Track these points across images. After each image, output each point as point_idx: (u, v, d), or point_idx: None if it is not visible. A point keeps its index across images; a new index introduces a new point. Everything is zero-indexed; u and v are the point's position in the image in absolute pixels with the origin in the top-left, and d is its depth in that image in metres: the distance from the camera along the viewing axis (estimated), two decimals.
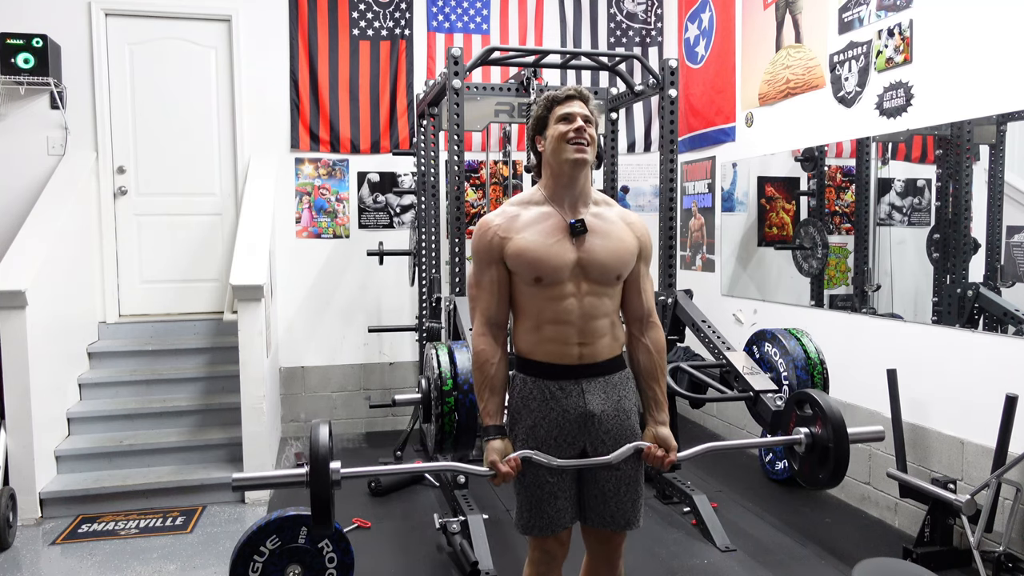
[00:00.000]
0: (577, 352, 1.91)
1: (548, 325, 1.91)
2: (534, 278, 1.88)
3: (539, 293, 1.90)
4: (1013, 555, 2.84)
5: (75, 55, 4.69)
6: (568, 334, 1.90)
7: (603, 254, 1.90)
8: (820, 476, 2.03)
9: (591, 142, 1.91)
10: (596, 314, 1.91)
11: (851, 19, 3.69)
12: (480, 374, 1.94)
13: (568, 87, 1.98)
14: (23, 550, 3.40)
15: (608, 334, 1.95)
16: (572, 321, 1.90)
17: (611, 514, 1.97)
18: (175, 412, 4.30)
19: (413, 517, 3.69)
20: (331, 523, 1.79)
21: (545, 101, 1.98)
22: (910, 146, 3.48)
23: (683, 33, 5.43)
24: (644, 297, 2.01)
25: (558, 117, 1.93)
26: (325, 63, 5.07)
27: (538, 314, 1.91)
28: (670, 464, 1.94)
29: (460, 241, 3.62)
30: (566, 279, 1.88)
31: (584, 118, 1.91)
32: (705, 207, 5.13)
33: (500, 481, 1.87)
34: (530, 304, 1.92)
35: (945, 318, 3.23)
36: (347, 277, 5.23)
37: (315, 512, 1.74)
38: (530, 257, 1.88)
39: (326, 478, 1.72)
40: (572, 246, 1.89)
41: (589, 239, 1.90)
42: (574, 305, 1.89)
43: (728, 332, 3.91)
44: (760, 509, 3.72)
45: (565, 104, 1.94)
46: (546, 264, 1.87)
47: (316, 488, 1.71)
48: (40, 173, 4.59)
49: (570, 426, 1.91)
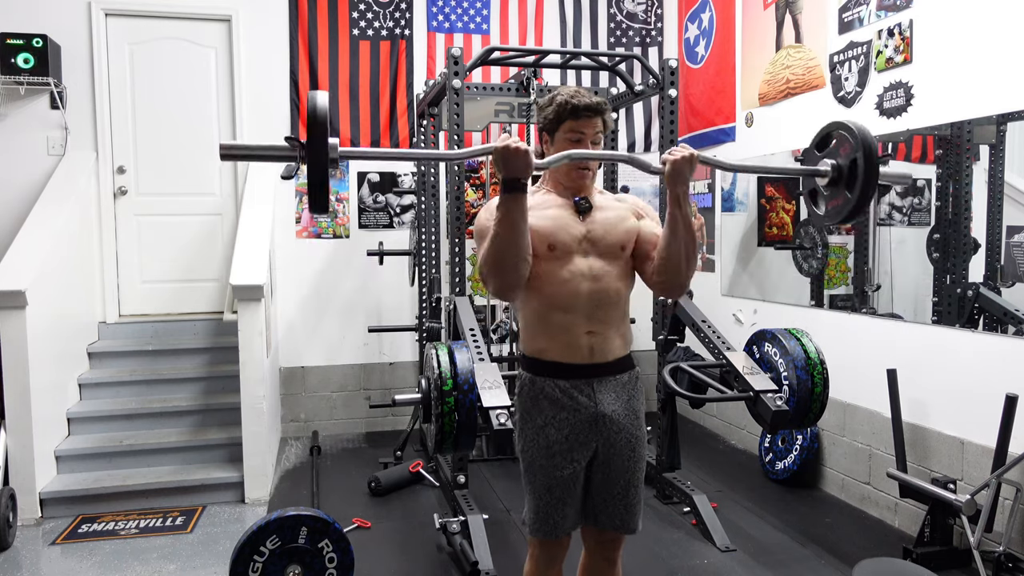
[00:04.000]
0: (587, 344, 1.90)
1: (558, 312, 1.90)
2: (548, 245, 1.89)
3: (551, 268, 1.89)
4: (1013, 555, 2.84)
5: (75, 55, 4.69)
6: (576, 322, 1.90)
7: (608, 225, 1.94)
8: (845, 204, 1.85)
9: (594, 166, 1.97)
10: (604, 298, 1.91)
11: (851, 19, 3.69)
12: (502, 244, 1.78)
13: (587, 98, 1.90)
14: (23, 550, 3.40)
15: (617, 329, 1.95)
16: (580, 306, 1.89)
17: (619, 516, 1.98)
18: (175, 412, 4.30)
19: (413, 517, 3.69)
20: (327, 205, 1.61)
21: (560, 108, 1.91)
22: (910, 146, 3.48)
23: (683, 33, 5.43)
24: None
25: (568, 132, 1.91)
26: (325, 63, 5.07)
27: (548, 298, 1.90)
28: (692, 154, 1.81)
29: (460, 241, 3.62)
30: (575, 251, 1.90)
31: (594, 140, 1.92)
32: (705, 207, 5.13)
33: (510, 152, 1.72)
34: (541, 286, 1.90)
35: (945, 318, 3.23)
36: (347, 277, 5.23)
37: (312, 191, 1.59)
38: (543, 231, 1.89)
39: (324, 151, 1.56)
40: (580, 222, 1.93)
41: (594, 214, 1.95)
42: (583, 288, 1.89)
43: (728, 332, 3.90)
44: (760, 509, 3.72)
45: (580, 123, 1.90)
46: (558, 234, 1.90)
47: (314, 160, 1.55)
48: (40, 173, 4.59)
49: (582, 426, 1.91)
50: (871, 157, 1.79)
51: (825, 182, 1.91)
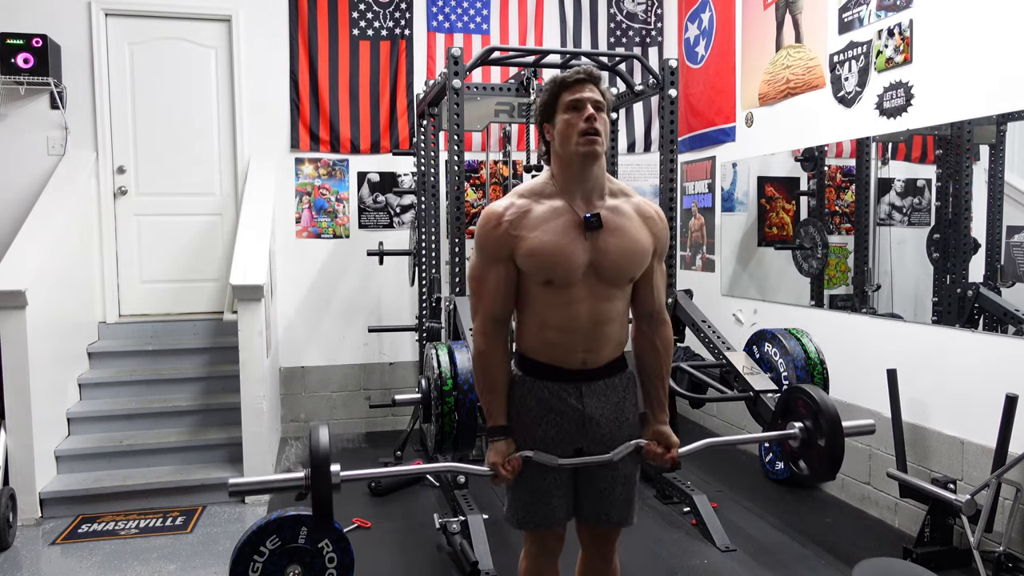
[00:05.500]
0: (581, 358, 1.87)
1: (553, 331, 1.84)
2: (545, 280, 1.80)
3: (548, 296, 1.82)
4: (1013, 555, 2.84)
5: (75, 55, 4.69)
6: (574, 342, 1.84)
7: (616, 254, 1.80)
8: (816, 470, 2.02)
9: (604, 132, 1.77)
10: (605, 319, 1.84)
11: (851, 19, 3.69)
12: (482, 375, 1.89)
13: (577, 68, 1.81)
14: (23, 550, 3.40)
15: (614, 340, 1.90)
16: (579, 328, 1.83)
17: (605, 511, 1.96)
18: (175, 412, 4.30)
19: (413, 517, 3.69)
20: (332, 526, 1.80)
21: (552, 86, 1.81)
22: (910, 146, 3.48)
23: (683, 33, 5.43)
24: (656, 293, 1.93)
25: (567, 104, 1.77)
26: (325, 63, 5.07)
27: (544, 318, 1.84)
28: (672, 460, 1.92)
29: (460, 241, 3.62)
30: (577, 281, 1.80)
31: (595, 104, 1.77)
32: (705, 207, 5.13)
33: (500, 482, 1.86)
34: (537, 306, 1.85)
35: (945, 318, 3.23)
36: (347, 277, 5.23)
37: (316, 516, 1.73)
38: (543, 259, 1.77)
39: (327, 481, 1.71)
40: (585, 245, 1.78)
41: (603, 237, 1.79)
42: (583, 311, 1.81)
43: (728, 332, 3.90)
44: (760, 509, 3.72)
45: (574, 89, 1.78)
46: (559, 266, 1.77)
47: (317, 492, 1.70)
48: (40, 173, 4.59)
49: (568, 427, 1.89)
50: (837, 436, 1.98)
51: (797, 444, 2.08)
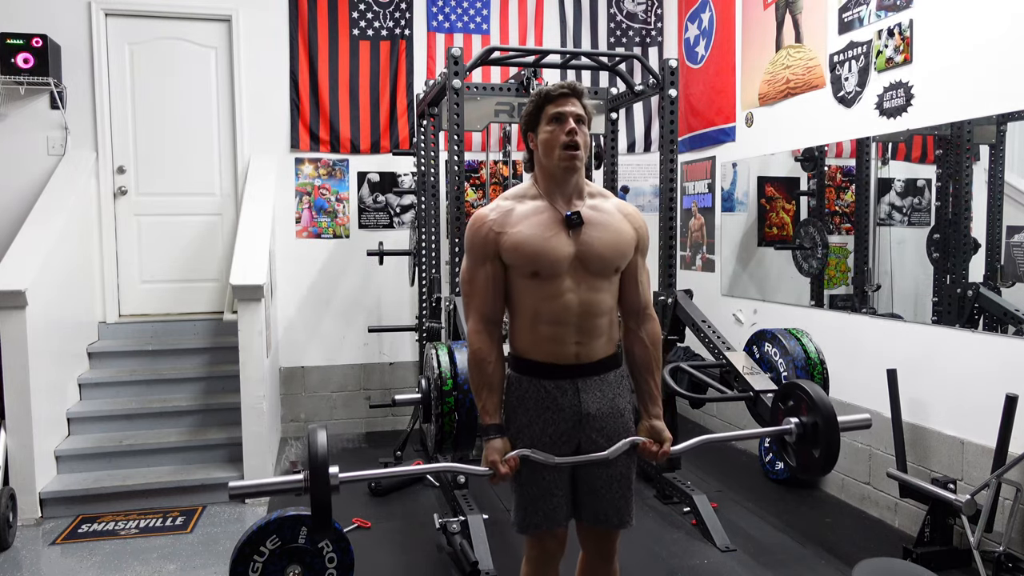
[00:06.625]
0: (574, 352, 1.90)
1: (545, 325, 1.88)
2: (531, 272, 1.86)
3: (536, 289, 1.87)
4: (1013, 555, 2.84)
5: (75, 55, 4.69)
6: (565, 334, 1.88)
7: (601, 246, 1.87)
8: (812, 465, 2.03)
9: (584, 145, 1.86)
10: (594, 311, 1.89)
11: (851, 19, 3.69)
12: (477, 373, 1.92)
13: (561, 83, 1.91)
14: (23, 550, 3.40)
15: (605, 334, 1.93)
16: (570, 320, 1.87)
17: (604, 511, 1.97)
18: (175, 412, 4.30)
19: (413, 517, 3.69)
20: (331, 527, 1.80)
21: (536, 98, 1.91)
22: (910, 146, 3.48)
23: (683, 33, 5.43)
24: (641, 290, 1.99)
25: (550, 117, 1.86)
26: (325, 63, 5.07)
27: (535, 312, 1.89)
28: (665, 456, 1.94)
29: (460, 241, 3.61)
30: (564, 272, 1.86)
31: (576, 118, 1.85)
32: (705, 207, 5.13)
33: (498, 480, 1.87)
34: (527, 301, 1.89)
35: (945, 318, 3.23)
36: (347, 277, 5.23)
37: (315, 518, 1.74)
38: (527, 251, 1.85)
39: (325, 483, 1.71)
40: (569, 239, 1.86)
41: (586, 231, 1.87)
42: (572, 302, 1.86)
43: (728, 332, 3.90)
44: (760, 509, 3.72)
45: (558, 102, 1.87)
46: (544, 257, 1.84)
47: (316, 494, 1.71)
48: (40, 173, 4.59)
49: (565, 424, 1.91)
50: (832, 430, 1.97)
51: (793, 439, 2.08)
